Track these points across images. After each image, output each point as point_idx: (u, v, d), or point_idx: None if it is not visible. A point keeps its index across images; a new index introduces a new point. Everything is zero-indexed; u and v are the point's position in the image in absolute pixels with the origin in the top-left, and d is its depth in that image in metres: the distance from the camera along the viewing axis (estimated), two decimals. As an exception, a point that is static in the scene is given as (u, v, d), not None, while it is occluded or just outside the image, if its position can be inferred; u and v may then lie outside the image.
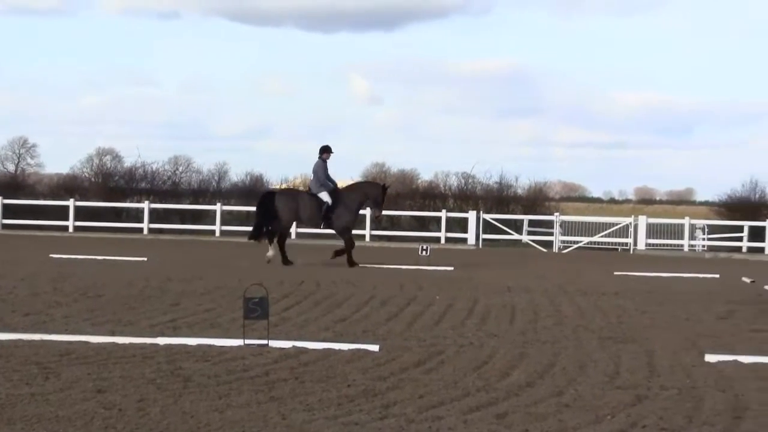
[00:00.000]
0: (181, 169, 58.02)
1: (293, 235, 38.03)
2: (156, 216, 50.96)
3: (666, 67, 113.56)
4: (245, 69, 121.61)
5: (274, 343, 13.85)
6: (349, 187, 31.93)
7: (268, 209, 30.56)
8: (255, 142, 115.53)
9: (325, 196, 30.51)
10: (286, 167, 66.32)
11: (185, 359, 12.70)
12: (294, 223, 32.22)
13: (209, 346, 13.74)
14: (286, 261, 30.15)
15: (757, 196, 53.03)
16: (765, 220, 47.06)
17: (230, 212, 52.17)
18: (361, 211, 34.68)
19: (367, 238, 47.77)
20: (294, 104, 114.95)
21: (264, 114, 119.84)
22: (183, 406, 10.05)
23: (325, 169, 30.74)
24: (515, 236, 47.86)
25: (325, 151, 30.90)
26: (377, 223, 43.33)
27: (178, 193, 55.82)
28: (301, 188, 40.86)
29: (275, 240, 30.47)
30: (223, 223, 49.26)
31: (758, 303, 21.52)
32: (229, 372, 11.94)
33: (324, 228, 31.58)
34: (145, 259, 30.96)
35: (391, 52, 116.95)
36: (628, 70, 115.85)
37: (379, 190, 31.04)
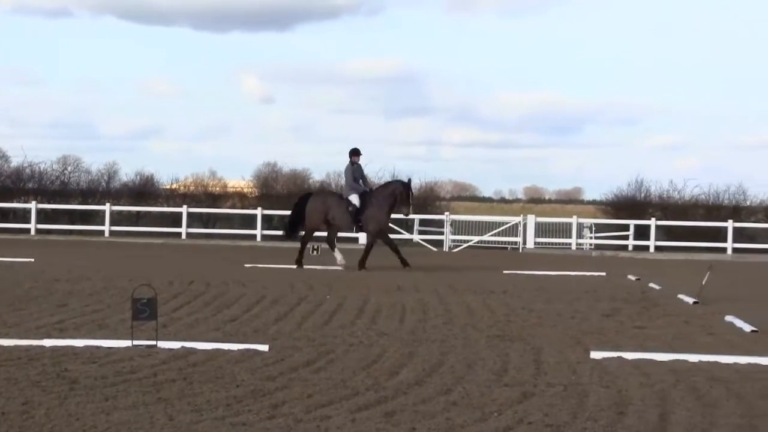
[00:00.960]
0: (70, 169, 57.18)
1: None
2: (44, 216, 50.24)
3: (554, 68, 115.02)
4: (136, 68, 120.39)
5: (163, 344, 13.76)
6: (380, 187, 31.40)
7: (300, 210, 30.77)
8: (146, 142, 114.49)
9: (354, 199, 30.16)
10: (177, 167, 65.79)
11: (72, 361, 12.55)
12: (332, 225, 30.97)
13: (97, 347, 13.60)
14: (298, 261, 30.22)
15: (642, 195, 53.88)
16: (650, 219, 47.89)
17: (120, 212, 51.63)
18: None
19: (258, 238, 47.62)
20: (185, 104, 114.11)
21: (155, 113, 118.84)
22: (68, 408, 9.94)
23: (353, 171, 30.37)
24: (406, 235, 48.06)
25: (354, 153, 30.50)
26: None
27: (67, 193, 54.98)
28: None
29: (335, 244, 30.77)
30: (112, 223, 48.72)
31: (642, 300, 21.91)
32: (116, 373, 11.84)
33: (356, 231, 31.48)
34: (33, 259, 30.51)
35: (284, 53, 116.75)
36: (518, 71, 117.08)
37: (402, 188, 30.51)
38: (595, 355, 13.83)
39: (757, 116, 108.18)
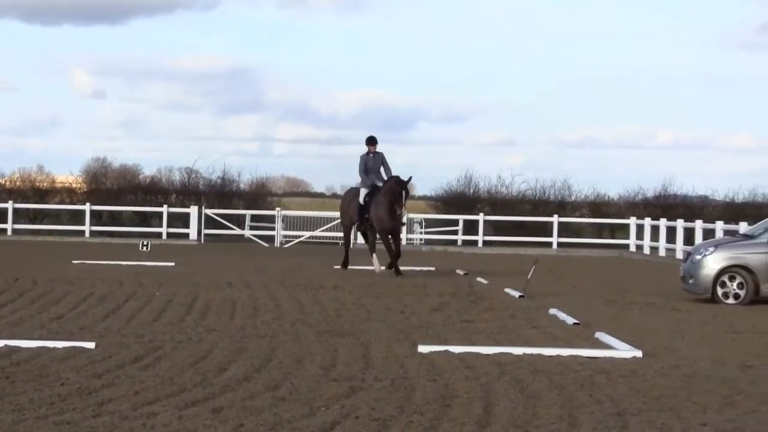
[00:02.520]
0: None
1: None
2: None
3: (387, 66, 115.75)
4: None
5: (-15, 343, 13.46)
6: (383, 182, 27.61)
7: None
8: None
9: (361, 194, 27.90)
10: (3, 163, 64.08)
11: None
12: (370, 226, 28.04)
13: None
14: (343, 263, 28.71)
15: (471, 190, 54.66)
16: (478, 214, 48.63)
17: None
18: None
19: (87, 234, 46.86)
20: (11, 98, 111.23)
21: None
22: None
23: (366, 162, 27.72)
24: (237, 231, 47.92)
25: (369, 142, 27.91)
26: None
27: None
28: None
29: (374, 247, 28.44)
30: (-67, 218, 47.31)
31: (470, 295, 22.26)
32: (-64, 373, 11.55)
33: (363, 229, 28.66)
34: None
35: (116, 47, 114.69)
36: (350, 68, 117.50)
37: (396, 185, 27.07)
38: (423, 349, 14.02)
39: (579, 113, 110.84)
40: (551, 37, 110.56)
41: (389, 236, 27.38)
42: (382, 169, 27.78)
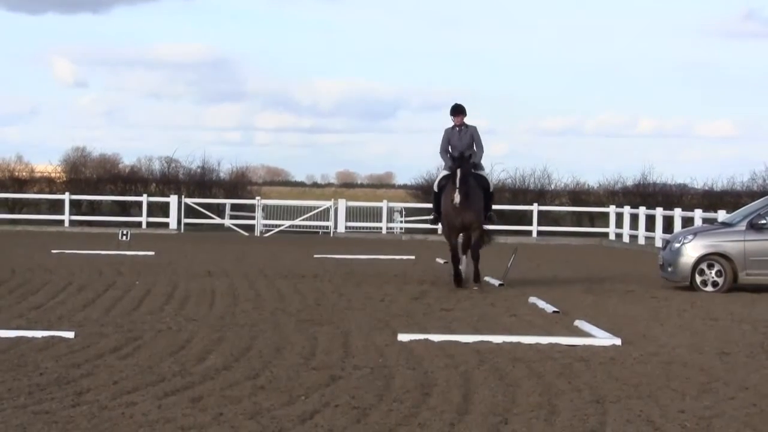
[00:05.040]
0: None
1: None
2: None
3: (366, 56, 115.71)
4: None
5: (-36, 333, 13.42)
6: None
7: None
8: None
9: (437, 179, 22.24)
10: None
11: None
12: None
13: None
14: (455, 280, 21.53)
15: (452, 179, 54.58)
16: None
17: None
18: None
19: (66, 223, 46.73)
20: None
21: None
22: None
23: (450, 138, 21.37)
24: (217, 220, 47.84)
25: (454, 112, 21.30)
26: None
27: None
28: None
29: (464, 250, 21.91)
30: None
31: (449, 284, 22.27)
32: None
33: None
34: None
35: (98, 35, 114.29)
36: (332, 58, 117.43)
37: (453, 163, 20.98)
38: (403, 337, 14.03)
39: (559, 101, 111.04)
40: (532, 25, 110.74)
41: (467, 238, 21.55)
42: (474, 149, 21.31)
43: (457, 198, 20.51)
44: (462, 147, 21.02)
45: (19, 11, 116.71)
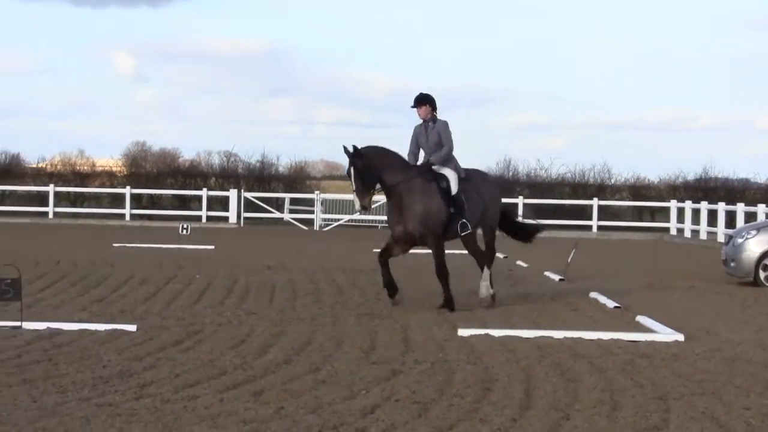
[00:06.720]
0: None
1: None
2: None
3: (415, 51, 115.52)
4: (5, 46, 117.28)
5: (28, 325, 13.54)
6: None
7: None
8: (8, 121, 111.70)
9: (451, 179, 17.55)
10: (44, 146, 64.52)
11: (-67, 343, 12.29)
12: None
13: (-41, 329, 13.33)
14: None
15: (510, 173, 54.47)
16: (517, 197, 48.43)
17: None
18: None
19: (127, 217, 47.12)
20: (53, 82, 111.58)
21: (18, 91, 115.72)
22: (-71, 391, 9.74)
23: (418, 136, 17.53)
24: (277, 214, 48.02)
25: (419, 102, 17.34)
26: None
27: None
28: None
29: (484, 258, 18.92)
30: (-24, 202, 47.71)
31: (510, 278, 22.21)
32: (-21, 355, 11.63)
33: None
34: None
35: (157, 29, 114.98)
36: (388, 52, 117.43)
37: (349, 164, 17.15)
38: (463, 332, 13.99)
39: (620, 96, 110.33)
40: (591, 19, 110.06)
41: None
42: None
43: (357, 204, 16.86)
44: (429, 147, 17.20)
45: (84, 5, 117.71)
